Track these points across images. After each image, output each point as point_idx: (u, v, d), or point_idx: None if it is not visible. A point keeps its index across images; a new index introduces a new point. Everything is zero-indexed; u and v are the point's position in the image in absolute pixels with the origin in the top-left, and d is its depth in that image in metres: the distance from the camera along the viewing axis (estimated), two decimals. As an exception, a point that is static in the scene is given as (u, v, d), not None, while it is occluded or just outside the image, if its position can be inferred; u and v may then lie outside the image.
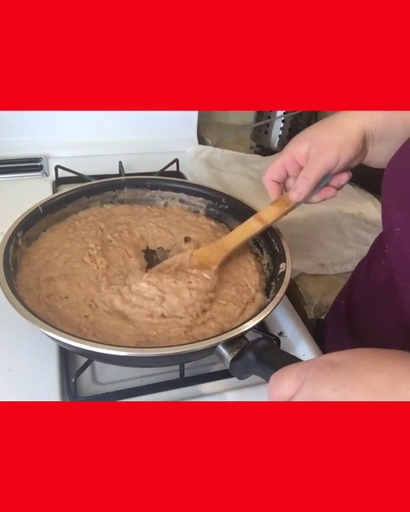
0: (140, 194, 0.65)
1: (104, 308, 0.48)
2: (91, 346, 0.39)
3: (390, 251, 0.46)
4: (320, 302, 0.66)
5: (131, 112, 0.93)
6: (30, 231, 0.54)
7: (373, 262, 0.55)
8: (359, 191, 0.90)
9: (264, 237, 0.58)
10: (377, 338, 0.53)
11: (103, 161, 0.85)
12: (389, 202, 0.44)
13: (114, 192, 0.64)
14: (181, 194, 0.66)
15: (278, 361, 0.37)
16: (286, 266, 0.51)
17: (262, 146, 1.03)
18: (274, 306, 0.45)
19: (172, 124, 0.98)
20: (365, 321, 0.55)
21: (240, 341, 0.42)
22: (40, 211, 0.56)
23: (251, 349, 0.40)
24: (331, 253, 0.73)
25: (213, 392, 0.50)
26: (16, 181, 0.83)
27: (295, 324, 0.59)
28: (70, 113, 0.90)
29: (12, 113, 0.87)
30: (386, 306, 0.51)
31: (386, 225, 0.46)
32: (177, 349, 0.40)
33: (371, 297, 0.54)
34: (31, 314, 0.41)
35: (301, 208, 0.56)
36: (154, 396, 0.48)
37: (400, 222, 0.41)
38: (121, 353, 0.39)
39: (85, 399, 0.47)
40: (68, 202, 0.60)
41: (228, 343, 0.41)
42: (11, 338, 0.52)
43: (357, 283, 0.58)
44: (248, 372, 0.41)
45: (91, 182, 0.64)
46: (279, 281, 0.49)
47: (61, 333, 0.40)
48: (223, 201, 0.64)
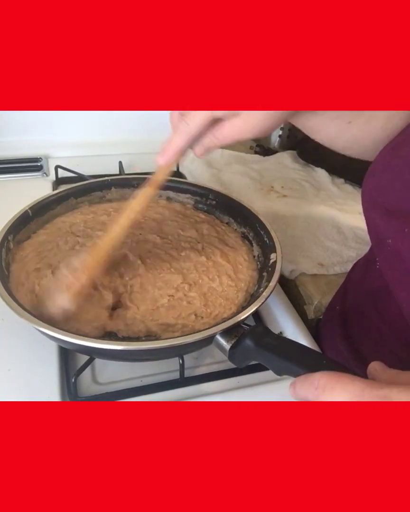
0: (128, 193, 0.65)
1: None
2: (87, 342, 0.40)
3: (383, 263, 0.45)
4: (320, 302, 0.66)
5: (131, 112, 0.93)
6: (20, 234, 0.54)
7: (368, 266, 0.55)
8: (359, 191, 0.90)
9: (253, 230, 0.59)
10: (371, 342, 0.53)
11: (103, 161, 0.85)
12: (372, 215, 0.43)
13: (102, 192, 0.64)
14: (168, 192, 0.66)
15: (277, 344, 0.39)
16: (277, 256, 0.52)
17: (262, 146, 1.03)
18: (267, 294, 0.46)
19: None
20: (359, 325, 0.55)
21: (237, 330, 0.43)
22: (30, 214, 0.56)
23: (248, 336, 0.41)
24: (331, 253, 0.73)
25: (213, 392, 0.50)
26: (16, 181, 0.83)
27: (295, 324, 0.59)
28: (70, 113, 0.91)
29: (12, 113, 0.87)
30: (380, 311, 0.51)
31: (375, 239, 0.45)
32: (175, 341, 0.41)
33: (366, 302, 0.53)
34: (29, 314, 0.41)
35: (301, 208, 0.56)
36: (154, 396, 0.48)
37: (391, 231, 0.40)
38: (118, 347, 0.40)
39: (85, 399, 0.47)
40: (57, 204, 0.60)
41: (225, 332, 0.42)
42: (11, 338, 0.52)
43: (351, 287, 0.58)
44: (246, 359, 0.42)
45: (78, 184, 0.64)
46: (271, 271, 0.50)
47: (58, 330, 0.40)
48: (210, 197, 0.65)
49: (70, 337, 0.40)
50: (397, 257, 0.40)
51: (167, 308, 0.48)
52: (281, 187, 0.89)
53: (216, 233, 0.60)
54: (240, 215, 0.62)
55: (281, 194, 0.87)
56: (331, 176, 0.93)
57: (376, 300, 0.51)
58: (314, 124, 0.44)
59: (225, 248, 0.57)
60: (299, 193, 0.88)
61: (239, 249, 0.58)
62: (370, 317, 0.53)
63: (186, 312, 0.48)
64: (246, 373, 0.52)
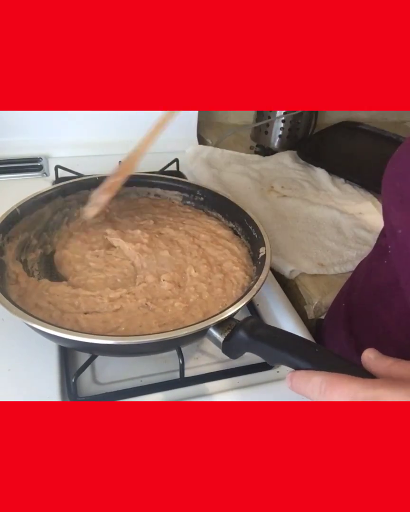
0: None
1: None
2: (81, 337, 0.40)
3: (394, 252, 0.46)
4: (320, 302, 0.66)
5: (131, 112, 0.93)
6: (10, 233, 0.54)
7: (373, 262, 0.55)
8: (359, 191, 0.90)
9: (241, 225, 0.60)
10: (376, 339, 0.53)
11: (103, 161, 0.85)
12: (389, 202, 0.43)
13: (89, 190, 0.64)
14: (156, 189, 0.67)
15: (269, 335, 0.40)
16: (266, 250, 0.52)
17: (262, 146, 1.03)
18: (258, 287, 0.47)
19: (173, 124, 0.97)
20: (365, 322, 0.55)
21: (230, 323, 0.43)
22: (18, 213, 0.56)
23: (241, 328, 0.41)
24: (331, 253, 0.73)
25: (213, 392, 0.50)
26: (16, 181, 0.83)
27: (295, 324, 0.59)
28: (70, 113, 0.90)
29: (12, 113, 0.87)
30: (387, 307, 0.51)
31: (388, 226, 0.46)
32: (168, 334, 0.42)
33: (372, 298, 0.54)
34: (25, 313, 0.42)
35: (301, 208, 0.56)
36: (154, 396, 0.48)
37: (402, 223, 0.41)
38: (109, 341, 0.41)
39: (85, 399, 0.47)
40: (44, 202, 0.60)
41: (218, 325, 0.43)
42: (11, 338, 0.52)
43: (357, 284, 0.58)
44: (240, 351, 0.43)
45: (66, 182, 0.64)
46: (260, 264, 0.51)
47: (49, 325, 0.41)
48: (198, 193, 0.66)
49: (64, 333, 0.40)
50: (406, 248, 0.41)
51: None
52: (281, 187, 0.89)
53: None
54: (228, 211, 0.63)
55: (281, 194, 0.87)
56: (331, 176, 0.93)
57: (383, 296, 0.51)
58: None
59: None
60: (299, 193, 0.88)
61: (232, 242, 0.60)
62: (376, 313, 0.53)
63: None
64: (246, 373, 0.52)
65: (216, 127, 1.13)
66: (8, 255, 0.53)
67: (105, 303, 0.49)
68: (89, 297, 0.50)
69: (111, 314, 0.48)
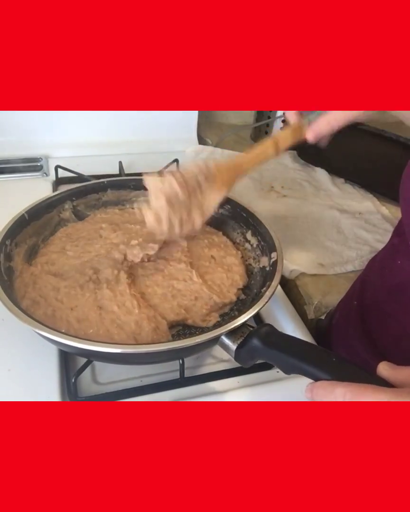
0: (124, 195, 0.65)
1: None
2: (87, 345, 0.40)
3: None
4: (320, 302, 0.66)
5: (131, 112, 0.93)
6: (17, 238, 0.54)
7: (386, 261, 0.54)
8: (359, 191, 0.90)
9: (251, 229, 0.59)
10: (393, 338, 0.52)
11: (103, 161, 0.85)
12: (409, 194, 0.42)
13: (98, 194, 0.64)
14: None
15: (285, 343, 0.39)
16: (277, 255, 0.52)
17: (262, 146, 1.03)
18: (270, 294, 0.46)
19: (172, 124, 0.98)
20: (380, 322, 0.55)
21: (243, 330, 0.42)
22: (26, 218, 0.55)
23: (255, 335, 0.41)
24: (331, 253, 0.73)
25: (213, 392, 0.50)
26: (16, 181, 0.83)
27: (295, 324, 0.59)
28: (70, 113, 0.90)
29: (12, 113, 0.87)
30: (403, 306, 0.51)
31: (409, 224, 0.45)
32: (180, 343, 0.41)
33: (387, 298, 0.53)
34: (31, 318, 0.42)
35: (301, 208, 0.56)
36: (154, 396, 0.48)
37: None
38: (117, 350, 0.40)
39: (85, 399, 0.47)
40: (53, 207, 0.60)
41: (230, 333, 0.42)
42: (11, 338, 0.52)
43: (370, 284, 0.57)
44: (253, 358, 0.42)
45: (74, 186, 0.63)
46: (272, 270, 0.50)
47: (58, 334, 0.40)
48: None
49: (67, 339, 0.40)
50: None
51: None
52: (281, 187, 0.89)
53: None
54: (238, 215, 0.62)
55: (281, 194, 0.87)
56: (331, 176, 0.93)
57: (398, 295, 0.51)
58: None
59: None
60: (299, 193, 0.88)
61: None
62: (391, 312, 0.52)
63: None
64: (246, 373, 0.52)
65: (216, 127, 1.13)
66: (16, 261, 0.52)
67: (86, 296, 0.49)
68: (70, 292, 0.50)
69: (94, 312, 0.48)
